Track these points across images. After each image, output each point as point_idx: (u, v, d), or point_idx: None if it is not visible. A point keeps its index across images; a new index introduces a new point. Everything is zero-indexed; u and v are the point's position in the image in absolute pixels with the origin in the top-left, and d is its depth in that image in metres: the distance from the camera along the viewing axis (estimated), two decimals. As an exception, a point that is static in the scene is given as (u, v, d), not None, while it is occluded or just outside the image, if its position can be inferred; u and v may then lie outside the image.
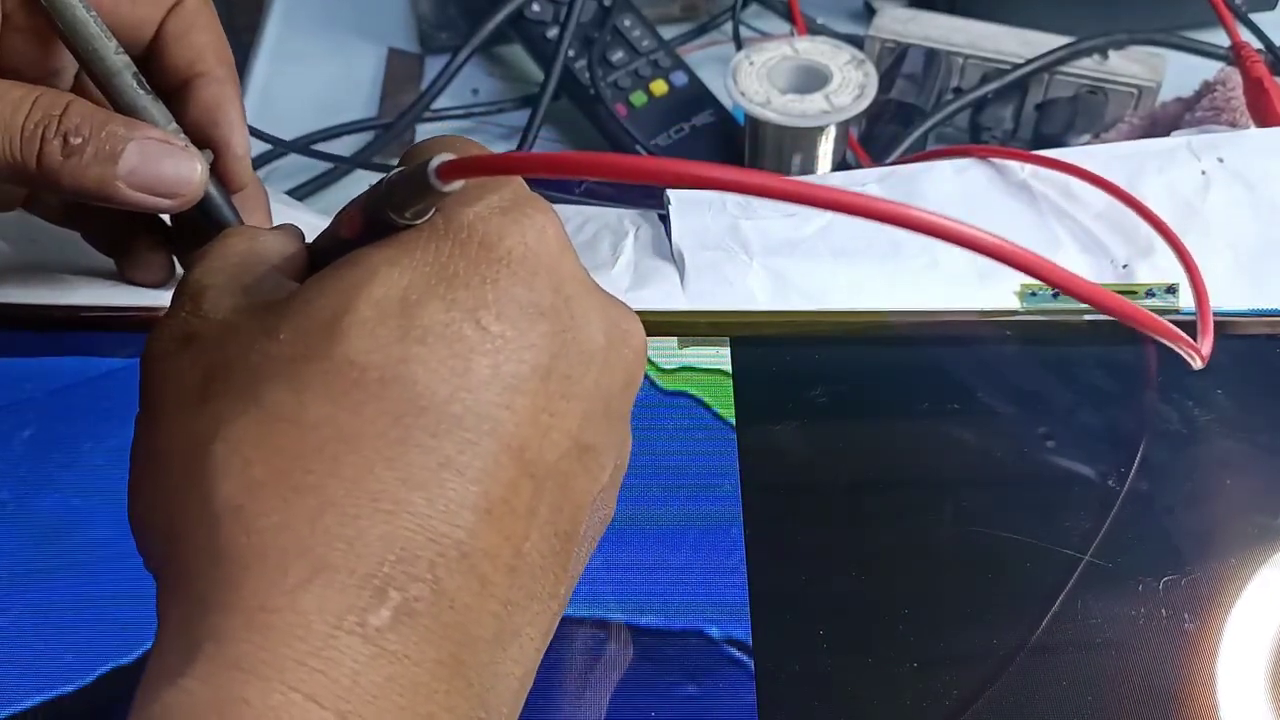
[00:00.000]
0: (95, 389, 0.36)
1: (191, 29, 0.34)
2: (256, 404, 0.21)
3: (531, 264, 0.22)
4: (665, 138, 0.53)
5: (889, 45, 0.54)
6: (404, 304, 0.21)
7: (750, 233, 0.39)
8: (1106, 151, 0.42)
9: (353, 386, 0.20)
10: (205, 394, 0.21)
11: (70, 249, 0.38)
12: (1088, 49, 0.52)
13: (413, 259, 0.22)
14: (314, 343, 0.21)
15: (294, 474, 0.20)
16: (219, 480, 0.20)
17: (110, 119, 0.31)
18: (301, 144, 0.53)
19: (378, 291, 0.21)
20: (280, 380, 0.21)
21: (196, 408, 0.21)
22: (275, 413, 0.20)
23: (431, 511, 0.20)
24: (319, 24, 0.64)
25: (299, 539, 0.19)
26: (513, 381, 0.21)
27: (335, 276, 0.22)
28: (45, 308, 0.37)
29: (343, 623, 0.19)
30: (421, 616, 0.19)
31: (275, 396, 0.21)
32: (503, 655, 0.21)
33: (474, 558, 0.20)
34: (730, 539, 0.33)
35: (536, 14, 0.56)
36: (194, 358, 0.22)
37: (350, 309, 0.21)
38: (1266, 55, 0.50)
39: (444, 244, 0.22)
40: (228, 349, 0.22)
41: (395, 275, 0.21)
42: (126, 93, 0.32)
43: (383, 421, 0.20)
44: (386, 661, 0.19)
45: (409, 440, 0.20)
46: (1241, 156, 0.41)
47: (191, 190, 0.32)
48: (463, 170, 0.20)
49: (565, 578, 0.23)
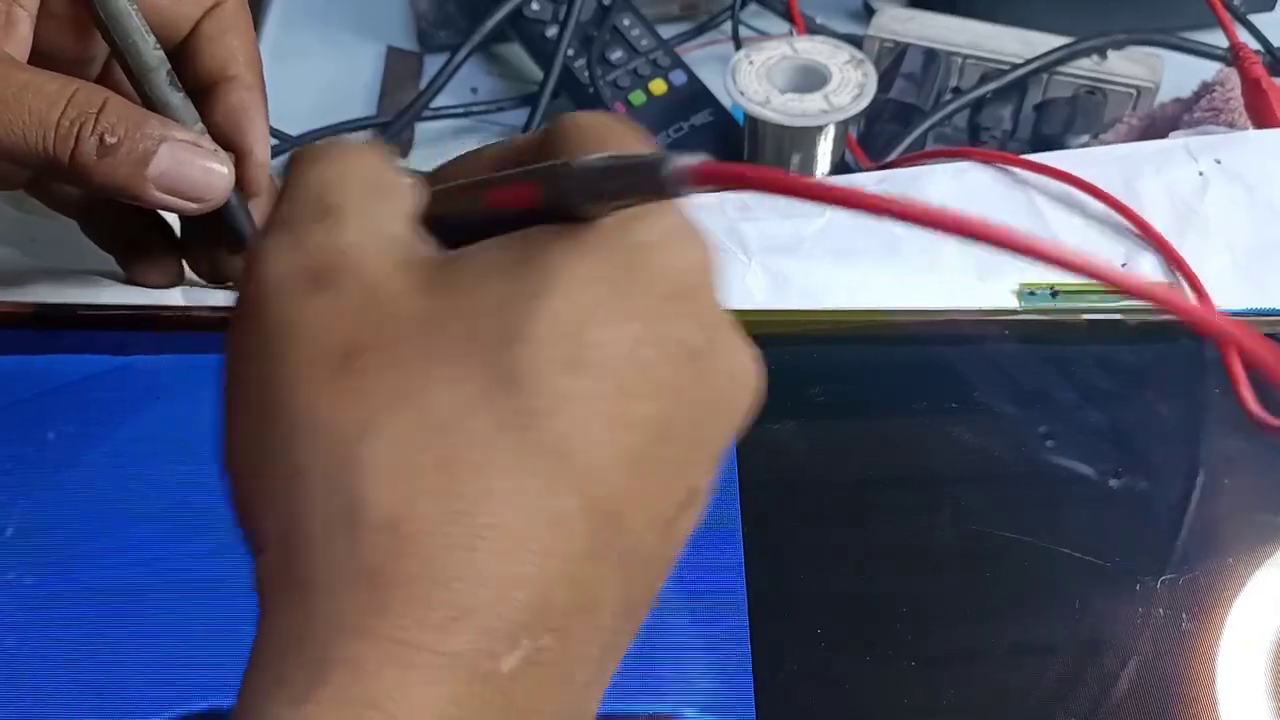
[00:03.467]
0: (93, 388, 0.36)
1: (227, 31, 0.34)
2: (420, 408, 0.18)
3: (694, 300, 0.20)
4: (664, 137, 0.53)
5: (888, 45, 0.54)
6: (579, 325, 0.19)
7: (749, 233, 0.39)
8: (1104, 153, 0.42)
9: (517, 413, 0.18)
10: (349, 368, 0.19)
11: (70, 248, 0.38)
12: (1086, 49, 0.52)
13: (591, 272, 0.19)
14: (484, 351, 0.19)
15: (452, 497, 0.18)
16: (376, 488, 0.18)
17: (146, 119, 0.31)
18: (309, 140, 0.53)
19: (556, 304, 0.19)
20: (446, 386, 0.18)
21: (338, 381, 0.19)
22: (439, 422, 0.18)
23: (571, 557, 0.18)
24: (318, 22, 0.63)
25: (450, 570, 0.18)
26: (661, 430, 0.20)
27: (509, 273, 0.19)
28: (44, 306, 0.37)
29: (479, 668, 0.17)
30: (545, 667, 0.18)
31: (441, 401, 0.18)
32: (589, 704, 0.20)
33: (599, 609, 0.19)
34: (728, 538, 0.33)
35: (536, 13, 0.56)
36: (332, 313, 0.19)
37: (526, 321, 0.19)
38: (1265, 56, 0.50)
39: (619, 260, 0.20)
40: (378, 319, 0.19)
41: (575, 291, 0.19)
42: (159, 90, 0.32)
43: (538, 458, 0.18)
44: (514, 715, 0.18)
45: (556, 481, 0.18)
46: (1239, 158, 0.41)
47: (217, 195, 0.33)
48: (711, 176, 0.18)
49: (638, 627, 0.22)
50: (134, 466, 0.34)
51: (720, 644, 0.32)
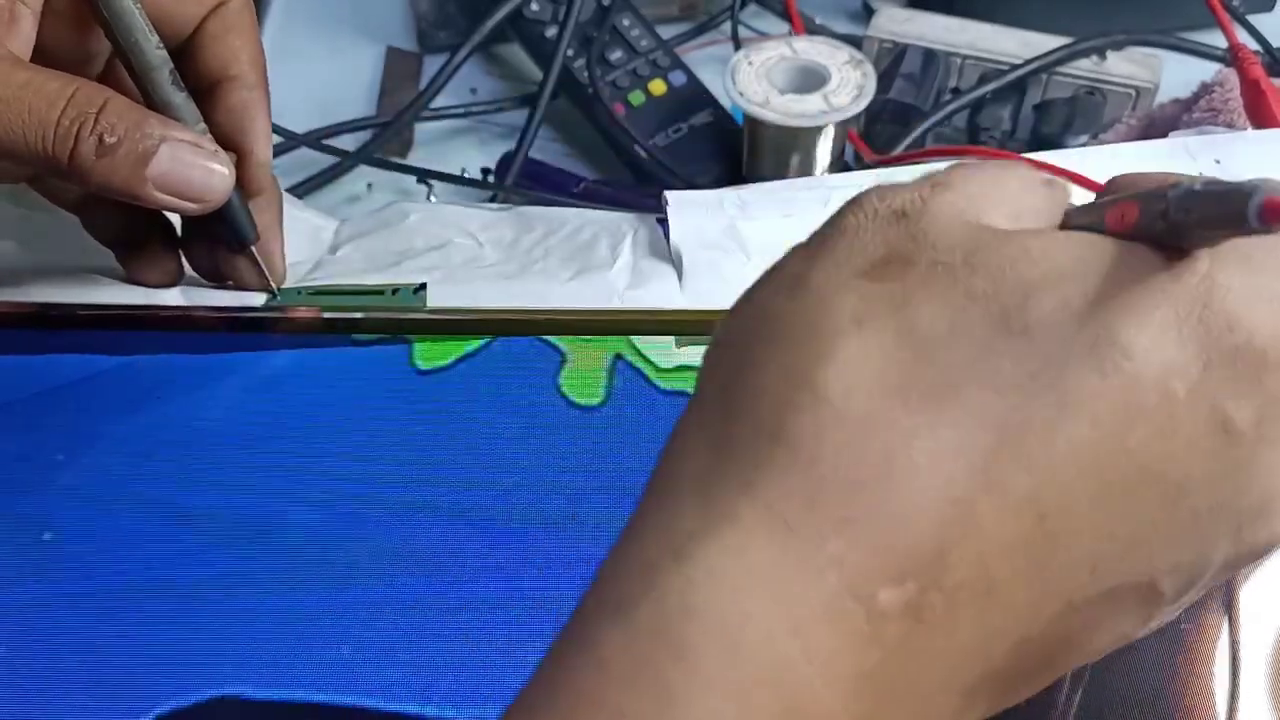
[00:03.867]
0: (90, 388, 0.36)
1: (230, 31, 0.34)
2: (912, 319, 0.19)
3: (1263, 373, 0.19)
4: (663, 137, 0.53)
5: (887, 45, 0.54)
6: (1118, 327, 0.18)
7: (748, 232, 0.39)
8: (1104, 153, 0.42)
9: (1012, 364, 0.18)
10: (871, 272, 0.20)
11: (70, 248, 0.38)
12: (1086, 50, 0.52)
13: (1169, 314, 0.19)
14: (1005, 297, 0.19)
15: (897, 408, 0.18)
16: (829, 365, 0.18)
17: (146, 118, 0.31)
18: (313, 138, 0.53)
19: (1111, 303, 0.18)
20: (948, 312, 0.19)
21: (854, 280, 0.20)
22: (926, 338, 0.19)
23: (987, 535, 0.18)
24: (318, 22, 0.64)
25: (861, 474, 0.17)
26: (1151, 483, 0.19)
27: (1074, 251, 0.19)
28: (44, 306, 0.37)
29: (855, 587, 0.17)
30: (923, 627, 0.17)
31: (936, 322, 0.19)
32: (932, 710, 0.19)
33: (990, 609, 0.18)
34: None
35: (535, 13, 0.56)
36: (882, 231, 0.20)
37: (1069, 295, 0.19)
38: (1264, 57, 0.50)
39: (1197, 294, 0.19)
40: (914, 242, 0.20)
41: (1141, 307, 0.19)
42: (162, 88, 0.32)
43: (1009, 423, 0.18)
44: (873, 652, 0.17)
45: (1015, 455, 0.18)
46: (1239, 158, 0.41)
47: (217, 196, 0.33)
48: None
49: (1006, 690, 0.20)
50: (133, 466, 0.34)
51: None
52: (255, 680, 0.31)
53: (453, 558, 0.33)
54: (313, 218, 0.42)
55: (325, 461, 0.34)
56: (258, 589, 0.32)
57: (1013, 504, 0.18)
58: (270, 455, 0.34)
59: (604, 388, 0.36)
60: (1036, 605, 0.18)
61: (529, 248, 0.40)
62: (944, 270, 0.19)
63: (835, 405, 0.18)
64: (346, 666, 0.31)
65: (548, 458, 0.34)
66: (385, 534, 0.33)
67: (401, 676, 0.31)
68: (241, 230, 0.35)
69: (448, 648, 0.31)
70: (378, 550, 0.33)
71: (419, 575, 0.32)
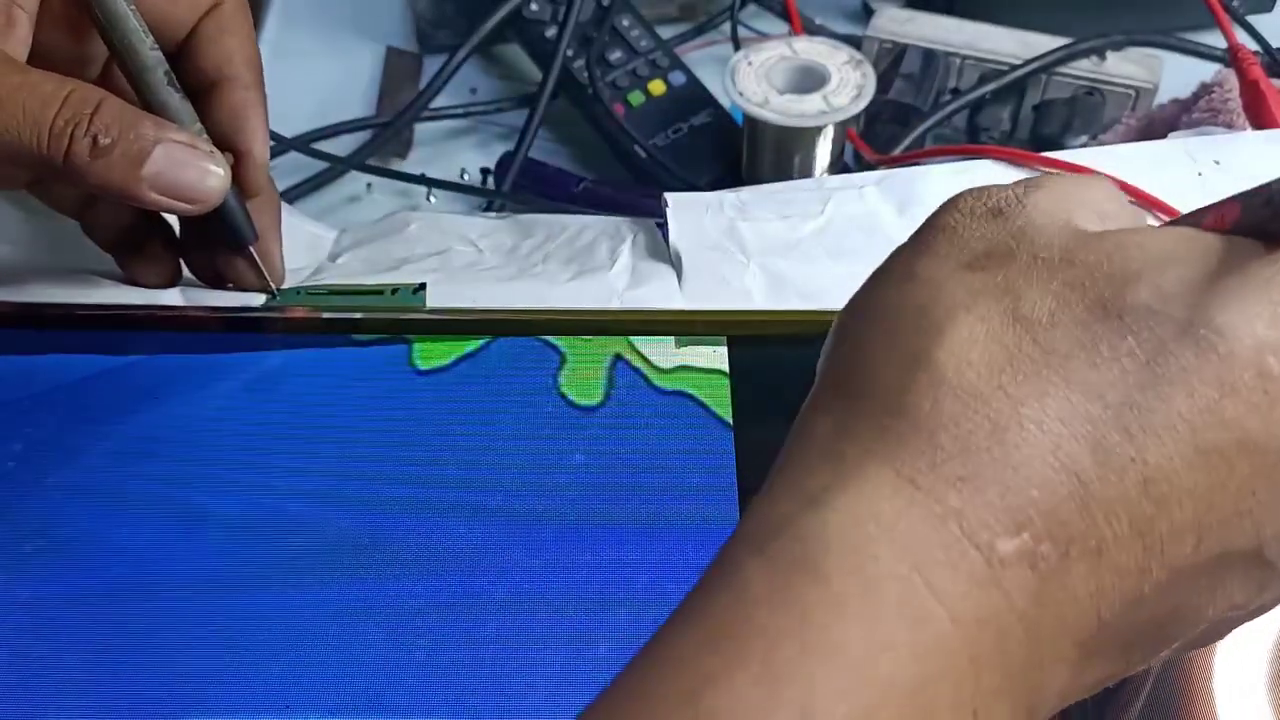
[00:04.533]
0: (90, 388, 0.36)
1: (225, 33, 0.34)
2: (1018, 301, 0.21)
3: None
4: (663, 137, 0.53)
5: (887, 46, 0.54)
6: (1217, 309, 0.20)
7: (747, 233, 0.40)
8: (1103, 153, 0.42)
9: (1110, 341, 0.20)
10: (977, 265, 0.22)
11: (69, 248, 0.38)
12: (1085, 50, 0.52)
13: (1262, 296, 0.20)
14: (1105, 283, 0.20)
15: (1010, 380, 0.20)
16: (948, 343, 0.20)
17: (140, 119, 0.31)
18: (301, 141, 0.53)
19: (1225, 283, 0.20)
20: (1050, 294, 0.20)
21: (964, 270, 0.22)
22: (1032, 317, 0.20)
23: (1093, 493, 0.19)
24: (317, 22, 0.64)
25: (976, 438, 0.19)
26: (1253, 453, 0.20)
27: (1179, 246, 0.21)
28: (44, 306, 0.37)
29: (975, 536, 0.19)
30: (1039, 575, 0.19)
31: (1040, 303, 0.20)
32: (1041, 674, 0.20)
33: (1099, 569, 0.19)
34: (727, 539, 0.33)
35: (535, 13, 0.56)
36: (987, 229, 0.22)
37: (1172, 278, 0.20)
38: (1263, 58, 0.50)
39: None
40: (1018, 239, 0.22)
41: (1250, 300, 0.20)
42: (157, 89, 0.32)
43: (1110, 392, 0.19)
44: (994, 594, 0.18)
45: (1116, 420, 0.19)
46: (1238, 159, 0.41)
47: (213, 197, 0.33)
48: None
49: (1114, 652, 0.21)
50: (133, 466, 0.34)
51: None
52: (253, 678, 0.31)
53: (452, 557, 0.33)
54: (311, 227, 0.42)
55: (324, 461, 0.34)
56: (257, 588, 0.32)
57: (1116, 468, 0.19)
58: (269, 455, 0.34)
59: (603, 388, 0.36)
60: (1144, 568, 0.19)
61: (528, 252, 0.40)
62: (1043, 264, 0.21)
63: (950, 380, 0.20)
64: (342, 664, 0.31)
65: (547, 458, 0.34)
66: (385, 533, 0.33)
67: (401, 676, 0.31)
68: (240, 230, 0.35)
69: (447, 648, 0.31)
70: (377, 549, 0.33)
71: (419, 575, 0.32)
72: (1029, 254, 0.21)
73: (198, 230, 0.37)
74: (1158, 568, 0.20)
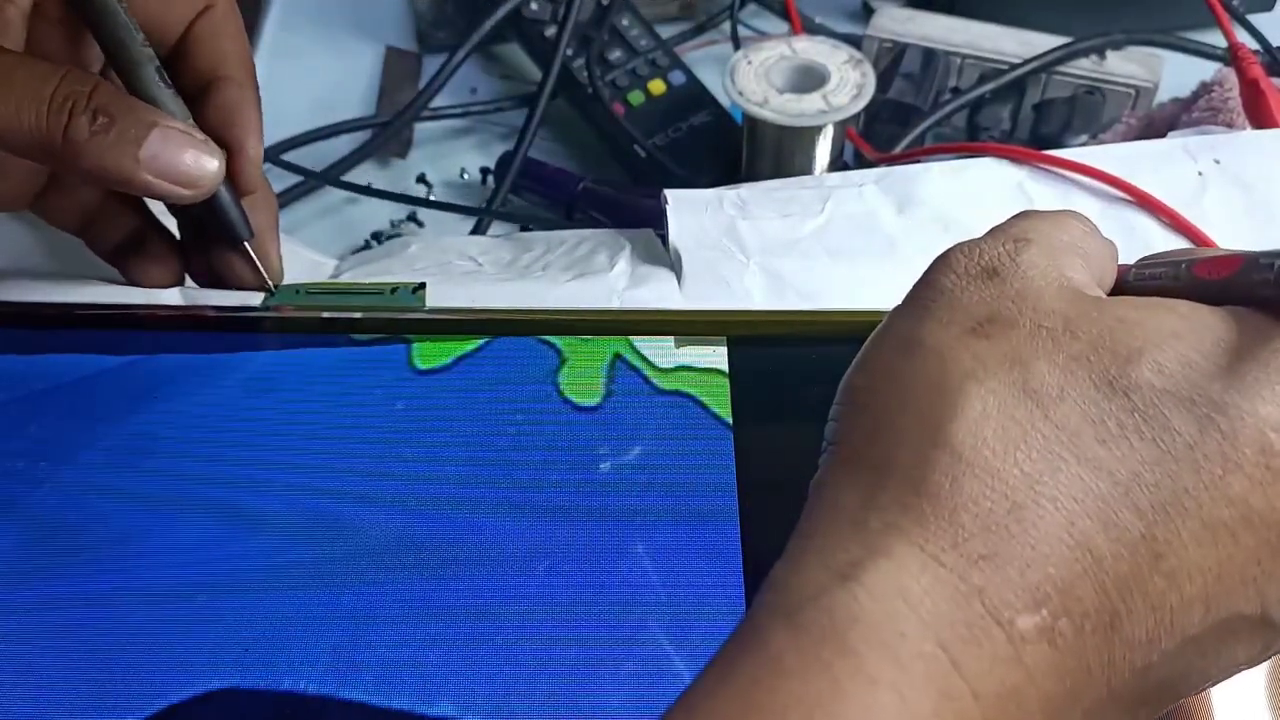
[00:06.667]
0: (90, 387, 0.36)
1: (218, 34, 0.35)
2: (1025, 374, 0.21)
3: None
4: (663, 137, 0.53)
5: (887, 45, 0.54)
6: (1223, 389, 0.20)
7: (747, 233, 0.39)
8: (1103, 153, 0.42)
9: (1118, 419, 0.20)
10: (979, 331, 0.22)
11: (69, 249, 0.38)
12: (1085, 49, 0.52)
13: (1261, 374, 0.21)
14: (1108, 359, 0.21)
15: (1023, 456, 0.20)
16: (961, 419, 0.21)
17: (137, 104, 0.31)
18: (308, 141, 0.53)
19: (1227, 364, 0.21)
20: (1056, 369, 0.21)
21: (967, 337, 0.22)
22: (1038, 391, 0.21)
23: (1107, 569, 0.20)
24: (316, 22, 0.64)
25: (994, 516, 0.20)
26: (1257, 529, 0.20)
27: (1180, 319, 0.22)
28: (44, 306, 0.37)
29: (997, 614, 0.19)
30: (1057, 652, 0.19)
31: (1047, 378, 0.21)
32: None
33: (1113, 641, 0.20)
34: (726, 539, 0.33)
35: (535, 13, 0.56)
36: (986, 294, 0.23)
37: (1167, 357, 0.21)
38: (1263, 56, 0.50)
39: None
40: (1018, 304, 0.22)
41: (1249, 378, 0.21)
42: (148, 84, 0.33)
43: (1117, 465, 0.20)
44: (1015, 671, 0.19)
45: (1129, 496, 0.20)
46: (1238, 158, 0.41)
47: (208, 182, 0.33)
48: None
49: None
50: (132, 467, 0.34)
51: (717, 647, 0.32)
52: (250, 676, 0.31)
53: (452, 557, 0.33)
54: (310, 254, 0.43)
55: (324, 460, 0.34)
56: (256, 587, 0.32)
57: (1128, 544, 0.20)
58: (269, 454, 0.34)
59: (603, 388, 0.36)
60: (1154, 639, 0.20)
61: (528, 264, 0.41)
62: (1048, 334, 0.22)
63: (967, 458, 0.20)
64: (341, 662, 0.31)
65: (546, 457, 0.34)
66: (384, 532, 0.33)
67: (400, 676, 0.31)
68: (235, 225, 0.35)
69: (447, 648, 0.31)
70: (377, 549, 0.33)
71: (418, 574, 0.32)
72: (1032, 322, 0.22)
73: (195, 232, 0.37)
74: (1167, 638, 0.20)
